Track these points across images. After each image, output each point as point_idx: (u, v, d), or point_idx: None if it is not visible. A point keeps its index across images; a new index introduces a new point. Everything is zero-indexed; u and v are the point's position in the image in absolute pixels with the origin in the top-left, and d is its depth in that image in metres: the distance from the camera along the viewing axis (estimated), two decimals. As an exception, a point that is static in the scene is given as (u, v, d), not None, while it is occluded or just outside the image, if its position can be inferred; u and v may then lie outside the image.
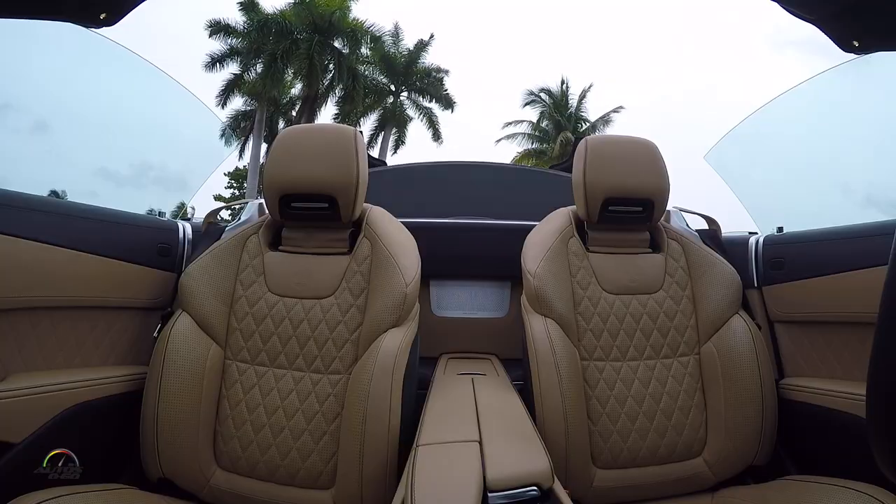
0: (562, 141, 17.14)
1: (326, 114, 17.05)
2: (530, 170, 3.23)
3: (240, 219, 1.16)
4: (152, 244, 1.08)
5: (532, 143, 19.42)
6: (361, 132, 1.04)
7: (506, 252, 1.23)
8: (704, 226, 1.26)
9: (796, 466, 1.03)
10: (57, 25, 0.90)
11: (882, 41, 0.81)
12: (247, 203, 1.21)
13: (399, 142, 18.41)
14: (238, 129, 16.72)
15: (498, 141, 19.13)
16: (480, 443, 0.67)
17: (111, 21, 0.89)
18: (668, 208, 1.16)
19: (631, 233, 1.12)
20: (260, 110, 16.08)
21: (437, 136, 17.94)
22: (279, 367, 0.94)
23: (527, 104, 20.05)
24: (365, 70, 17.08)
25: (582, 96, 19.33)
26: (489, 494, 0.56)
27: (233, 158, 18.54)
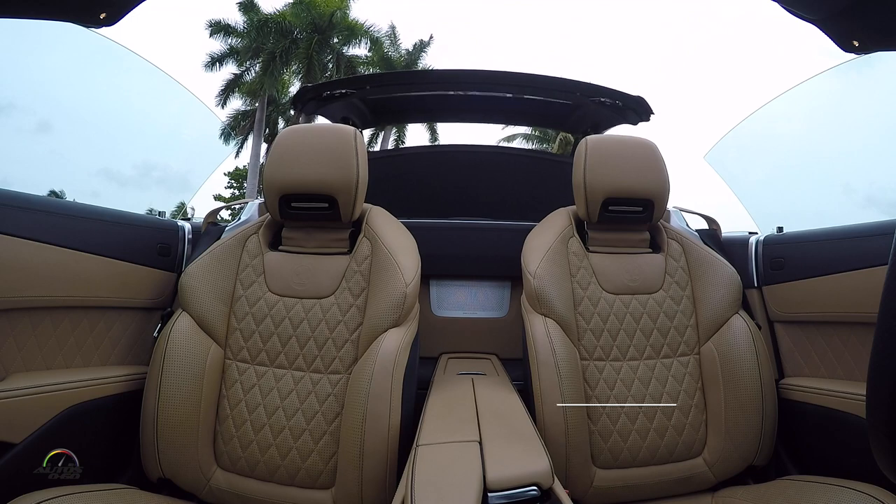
0: (561, 140, 17.15)
1: (326, 113, 16.99)
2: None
3: (240, 219, 1.16)
4: (152, 244, 1.08)
5: (532, 144, 19.44)
6: (361, 132, 1.04)
7: (506, 252, 1.23)
8: (704, 226, 1.26)
9: (796, 466, 1.03)
10: (57, 25, 0.90)
11: (882, 41, 0.81)
12: (247, 203, 1.21)
13: (398, 142, 18.40)
14: (238, 128, 16.72)
15: (498, 142, 19.14)
16: (480, 443, 0.67)
17: (111, 21, 0.89)
18: (668, 208, 1.15)
19: (631, 233, 1.12)
20: (259, 110, 16.08)
21: (434, 138, 17.92)
22: (279, 366, 0.94)
23: (527, 104, 20.04)
24: (364, 70, 17.07)
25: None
26: (489, 494, 0.56)
27: (232, 158, 18.56)
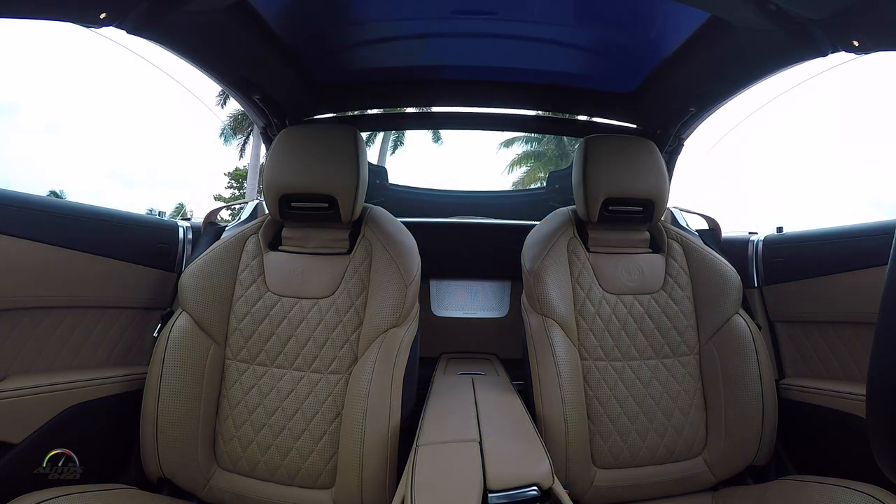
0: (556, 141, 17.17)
1: (326, 113, 16.97)
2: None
3: (240, 219, 1.16)
4: (152, 244, 1.08)
5: (532, 145, 19.44)
6: (360, 132, 1.04)
7: (506, 252, 1.23)
8: (705, 226, 1.26)
9: (796, 466, 1.04)
10: (58, 25, 0.90)
11: (882, 41, 0.81)
12: (247, 203, 1.21)
13: (397, 142, 18.40)
14: (238, 129, 16.71)
15: (501, 144, 19.07)
16: (480, 443, 0.67)
17: (111, 21, 0.89)
18: (668, 208, 1.16)
19: (631, 233, 1.12)
20: (260, 110, 16.03)
21: (436, 137, 17.93)
22: (279, 367, 0.94)
23: (528, 104, 19.98)
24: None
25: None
26: (489, 494, 0.56)
27: (233, 158, 18.54)
